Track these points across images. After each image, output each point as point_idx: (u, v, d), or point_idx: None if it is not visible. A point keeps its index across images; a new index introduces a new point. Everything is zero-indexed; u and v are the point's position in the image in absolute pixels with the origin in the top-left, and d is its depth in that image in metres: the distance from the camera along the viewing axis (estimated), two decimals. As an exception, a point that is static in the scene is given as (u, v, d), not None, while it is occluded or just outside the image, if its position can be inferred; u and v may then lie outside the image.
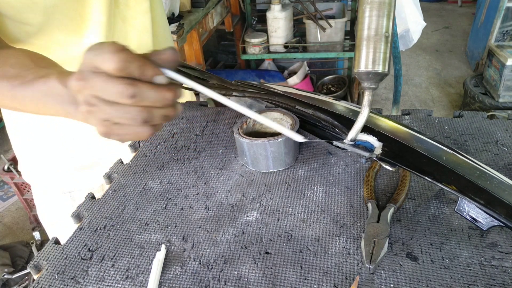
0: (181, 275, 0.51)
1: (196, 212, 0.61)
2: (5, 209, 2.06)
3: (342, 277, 0.49)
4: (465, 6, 4.69)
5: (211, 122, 0.82)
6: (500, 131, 0.72)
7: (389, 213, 0.55)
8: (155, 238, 0.57)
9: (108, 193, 0.65)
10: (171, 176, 0.68)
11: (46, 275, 0.52)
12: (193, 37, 2.08)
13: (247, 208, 0.60)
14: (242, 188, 0.64)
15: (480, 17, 2.94)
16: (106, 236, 0.58)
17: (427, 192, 0.61)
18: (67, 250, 0.56)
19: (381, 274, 0.49)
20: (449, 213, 0.57)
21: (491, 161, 0.66)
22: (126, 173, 0.69)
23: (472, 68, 3.16)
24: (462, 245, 0.52)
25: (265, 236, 0.56)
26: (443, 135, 0.73)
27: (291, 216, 0.58)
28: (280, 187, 0.64)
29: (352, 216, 0.58)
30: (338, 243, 0.54)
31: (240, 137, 0.66)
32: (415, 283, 0.48)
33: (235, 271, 0.51)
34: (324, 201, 0.61)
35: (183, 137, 0.78)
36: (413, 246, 0.52)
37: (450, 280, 0.48)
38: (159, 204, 0.63)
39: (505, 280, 0.47)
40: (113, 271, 0.52)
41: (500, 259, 0.50)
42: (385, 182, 0.63)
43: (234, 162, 0.70)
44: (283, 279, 0.50)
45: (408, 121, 0.77)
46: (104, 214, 0.61)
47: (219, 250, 0.54)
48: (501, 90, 2.23)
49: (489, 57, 2.35)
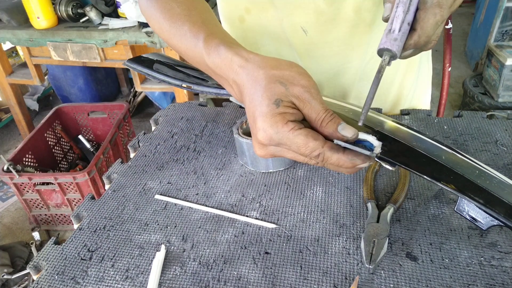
0: (180, 275, 0.51)
1: (196, 212, 0.60)
2: (5, 209, 2.06)
3: (342, 277, 0.49)
4: (464, 6, 4.69)
5: (211, 122, 0.82)
6: (499, 131, 0.72)
7: (388, 213, 0.55)
8: (155, 239, 0.57)
9: (107, 193, 0.65)
10: (170, 176, 0.68)
11: (45, 276, 0.52)
12: (193, 37, 2.08)
13: (247, 208, 0.60)
14: (242, 188, 0.64)
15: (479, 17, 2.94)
16: (105, 236, 0.58)
17: (427, 192, 0.61)
18: (66, 250, 0.56)
19: (381, 274, 0.49)
20: (448, 213, 0.57)
21: (491, 161, 0.66)
22: (125, 173, 0.69)
23: (471, 68, 3.16)
24: (461, 245, 0.52)
25: (265, 236, 0.56)
26: (442, 135, 0.73)
27: (291, 216, 0.58)
28: (279, 187, 0.64)
29: (352, 216, 0.58)
30: (337, 243, 0.54)
31: (240, 137, 0.66)
32: (415, 283, 0.48)
33: (235, 271, 0.51)
34: (324, 201, 0.61)
35: (183, 137, 0.78)
36: (413, 246, 0.52)
37: (450, 280, 0.48)
38: (159, 204, 0.62)
39: (504, 280, 0.47)
40: (113, 272, 0.52)
41: (500, 259, 0.50)
42: (385, 182, 0.63)
43: (233, 162, 0.70)
44: (282, 279, 0.50)
45: (408, 121, 0.77)
46: (103, 215, 0.61)
47: (219, 250, 0.54)
48: (501, 90, 2.23)
49: (489, 57, 2.35)
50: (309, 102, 0.42)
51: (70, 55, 1.87)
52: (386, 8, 0.45)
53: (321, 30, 0.70)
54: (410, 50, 0.45)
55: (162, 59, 0.72)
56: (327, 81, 0.79)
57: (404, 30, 0.42)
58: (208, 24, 0.53)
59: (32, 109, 2.79)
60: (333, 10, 0.67)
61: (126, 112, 2.06)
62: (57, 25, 1.88)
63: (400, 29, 0.42)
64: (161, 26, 0.56)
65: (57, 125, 2.06)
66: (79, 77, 2.61)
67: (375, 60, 0.76)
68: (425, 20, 0.42)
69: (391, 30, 0.42)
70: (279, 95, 0.42)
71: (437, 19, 0.42)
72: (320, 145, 0.42)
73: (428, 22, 0.42)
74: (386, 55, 0.43)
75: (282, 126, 0.42)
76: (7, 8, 1.89)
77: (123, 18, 1.83)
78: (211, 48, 0.49)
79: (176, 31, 0.54)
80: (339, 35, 0.71)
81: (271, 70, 0.43)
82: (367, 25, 0.70)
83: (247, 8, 0.73)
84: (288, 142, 0.42)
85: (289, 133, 0.42)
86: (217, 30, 0.53)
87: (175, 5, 0.55)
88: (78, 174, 1.64)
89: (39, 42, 1.87)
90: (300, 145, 0.42)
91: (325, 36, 0.71)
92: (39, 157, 1.90)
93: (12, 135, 2.70)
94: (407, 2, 0.42)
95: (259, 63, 0.45)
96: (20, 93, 2.28)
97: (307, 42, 0.72)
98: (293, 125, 0.42)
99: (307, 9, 0.68)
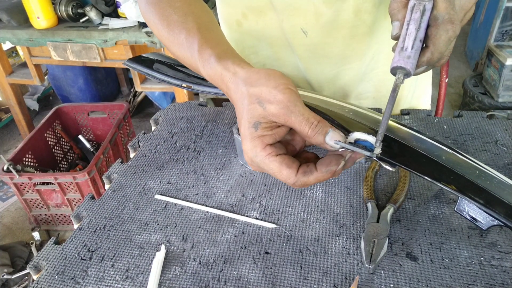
0: (180, 275, 0.51)
1: (196, 212, 0.60)
2: (5, 209, 2.06)
3: (341, 277, 0.49)
4: (464, 6, 4.68)
5: (211, 122, 0.82)
6: (499, 131, 0.72)
7: (388, 213, 0.55)
8: (155, 238, 0.57)
9: (107, 193, 0.65)
10: (170, 176, 0.68)
11: (45, 276, 0.52)
12: (193, 37, 2.08)
13: (247, 208, 0.60)
14: (242, 188, 0.64)
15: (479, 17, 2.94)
16: (105, 236, 0.58)
17: (427, 192, 0.61)
18: (66, 250, 0.56)
19: (381, 274, 0.49)
20: (448, 213, 0.57)
21: (491, 160, 0.66)
22: (125, 173, 0.69)
23: (471, 68, 3.16)
24: (461, 245, 0.52)
25: (265, 236, 0.56)
26: (442, 135, 0.73)
27: (291, 216, 0.58)
28: (279, 187, 0.64)
29: (352, 216, 0.58)
30: (337, 243, 0.54)
31: (240, 137, 0.65)
32: (415, 283, 0.48)
33: (235, 271, 0.51)
34: (324, 201, 0.61)
35: (183, 137, 0.78)
36: (413, 246, 0.52)
37: (450, 280, 0.48)
38: (159, 204, 0.62)
39: (504, 280, 0.47)
40: (113, 272, 0.52)
41: (500, 259, 0.50)
42: (385, 182, 0.63)
43: (233, 162, 0.70)
44: (282, 279, 0.50)
45: (408, 121, 0.77)
46: (103, 214, 0.61)
47: (219, 250, 0.54)
48: (501, 90, 2.23)
49: (489, 57, 2.35)
50: (288, 116, 0.41)
51: (70, 55, 1.87)
52: (395, 26, 0.45)
53: (321, 32, 0.70)
54: (423, 67, 0.45)
55: (162, 59, 0.72)
56: (327, 82, 0.79)
57: (417, 47, 0.42)
58: (203, 30, 0.52)
59: (32, 109, 2.79)
60: (333, 12, 0.67)
61: (126, 112, 2.06)
62: (57, 25, 1.88)
63: (413, 46, 0.41)
64: (160, 33, 0.57)
65: (57, 125, 2.06)
66: (79, 77, 2.61)
67: (375, 61, 0.76)
68: (437, 37, 0.42)
69: (404, 48, 0.42)
70: (257, 117, 0.42)
71: (450, 35, 0.42)
72: (293, 174, 0.42)
73: (440, 38, 0.42)
74: (400, 73, 0.42)
75: (260, 150, 0.42)
76: (7, 8, 1.89)
77: (123, 18, 1.83)
78: (204, 60, 0.49)
79: (174, 40, 0.54)
80: (339, 37, 0.71)
81: (251, 87, 0.43)
82: (367, 27, 0.70)
83: (244, 13, 0.73)
84: (265, 166, 0.43)
85: (265, 158, 0.42)
86: (211, 36, 0.52)
87: (172, 11, 0.55)
88: (78, 174, 1.64)
89: (39, 42, 1.87)
90: (275, 171, 0.42)
91: (325, 38, 0.71)
92: (39, 157, 1.90)
93: (12, 135, 2.70)
94: (418, 19, 0.42)
95: (244, 79, 0.45)
96: (20, 93, 2.28)
97: (307, 44, 0.72)
98: (270, 150, 0.42)
99: (307, 11, 0.68)
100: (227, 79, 0.46)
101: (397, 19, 0.45)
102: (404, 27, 0.43)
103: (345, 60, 0.75)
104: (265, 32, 0.74)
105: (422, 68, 0.45)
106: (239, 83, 0.45)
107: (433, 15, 0.42)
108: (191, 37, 0.52)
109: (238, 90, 0.45)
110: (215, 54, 0.48)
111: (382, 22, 0.48)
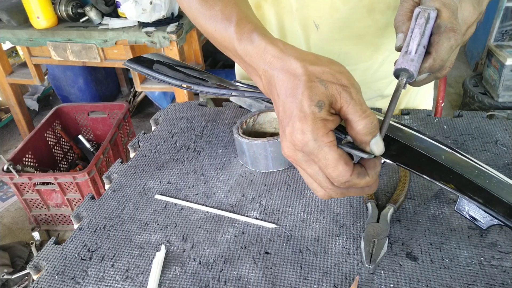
0: (180, 275, 0.51)
1: (196, 212, 0.60)
2: (5, 209, 2.06)
3: (342, 277, 0.49)
4: (464, 6, 4.68)
5: (211, 122, 0.82)
6: (499, 131, 0.72)
7: (388, 213, 0.55)
8: (155, 238, 0.57)
9: (107, 193, 0.65)
10: (170, 176, 0.68)
11: (45, 276, 0.52)
12: (193, 37, 2.08)
13: (247, 208, 0.60)
14: (242, 188, 0.64)
15: (479, 17, 2.94)
16: (105, 236, 0.58)
17: (427, 192, 0.61)
18: (66, 250, 0.56)
19: (381, 274, 0.49)
20: (448, 213, 0.57)
21: (491, 160, 0.66)
22: (125, 173, 0.69)
23: (471, 68, 3.16)
24: (461, 245, 0.52)
25: (265, 236, 0.56)
26: (442, 135, 0.73)
27: (291, 216, 0.58)
28: (279, 187, 0.64)
29: (352, 216, 0.58)
30: (337, 243, 0.54)
31: (240, 137, 0.66)
32: (415, 283, 0.48)
33: (235, 271, 0.51)
34: (324, 201, 0.61)
35: (183, 137, 0.78)
36: (413, 246, 0.52)
37: (450, 280, 0.48)
38: (159, 204, 0.63)
39: (504, 280, 0.47)
40: (113, 272, 0.52)
41: (500, 259, 0.50)
42: (385, 182, 0.63)
43: (233, 162, 0.70)
44: (283, 279, 0.50)
45: (408, 121, 0.77)
46: (103, 214, 0.61)
47: (219, 250, 0.54)
48: (501, 90, 2.23)
49: (488, 57, 2.35)
50: (347, 102, 0.39)
51: (70, 55, 1.87)
52: (399, 38, 0.45)
53: (332, 28, 0.70)
54: (425, 74, 0.45)
55: (162, 59, 0.72)
56: None
57: (420, 52, 0.43)
58: (241, 5, 0.49)
59: (32, 109, 2.79)
60: (348, 9, 0.67)
61: (126, 112, 2.06)
62: (57, 25, 1.88)
63: (417, 50, 0.43)
64: (189, 3, 0.53)
65: (57, 125, 2.06)
66: (79, 77, 2.61)
67: (384, 70, 0.76)
68: (440, 44, 0.43)
69: (408, 52, 0.43)
70: (320, 96, 0.38)
71: (452, 43, 0.42)
72: (348, 172, 0.39)
73: (442, 45, 0.42)
74: (403, 75, 0.43)
75: (322, 135, 0.38)
76: (7, 8, 1.89)
77: (123, 18, 1.83)
78: (243, 34, 0.46)
79: (205, 11, 0.51)
80: (349, 35, 0.71)
81: (310, 65, 0.40)
82: (379, 29, 0.70)
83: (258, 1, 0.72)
84: (320, 154, 0.39)
85: (325, 145, 0.38)
86: (250, 14, 0.49)
87: None
88: (78, 174, 1.64)
89: (39, 42, 1.87)
90: (329, 163, 0.39)
91: (336, 34, 0.71)
92: (39, 157, 1.90)
93: (12, 135, 2.70)
94: (423, 25, 0.43)
95: (297, 55, 0.41)
96: (20, 93, 2.28)
97: (317, 38, 0.72)
98: (333, 137, 0.39)
99: (323, 4, 0.67)
100: (270, 54, 0.43)
101: (402, 31, 0.45)
102: (409, 33, 0.44)
103: (351, 60, 0.75)
104: (278, 21, 0.73)
105: (424, 75, 0.45)
106: (289, 60, 0.41)
107: (436, 23, 0.43)
108: (228, 10, 0.49)
109: (287, 65, 0.41)
110: (257, 29, 0.46)
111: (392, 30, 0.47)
